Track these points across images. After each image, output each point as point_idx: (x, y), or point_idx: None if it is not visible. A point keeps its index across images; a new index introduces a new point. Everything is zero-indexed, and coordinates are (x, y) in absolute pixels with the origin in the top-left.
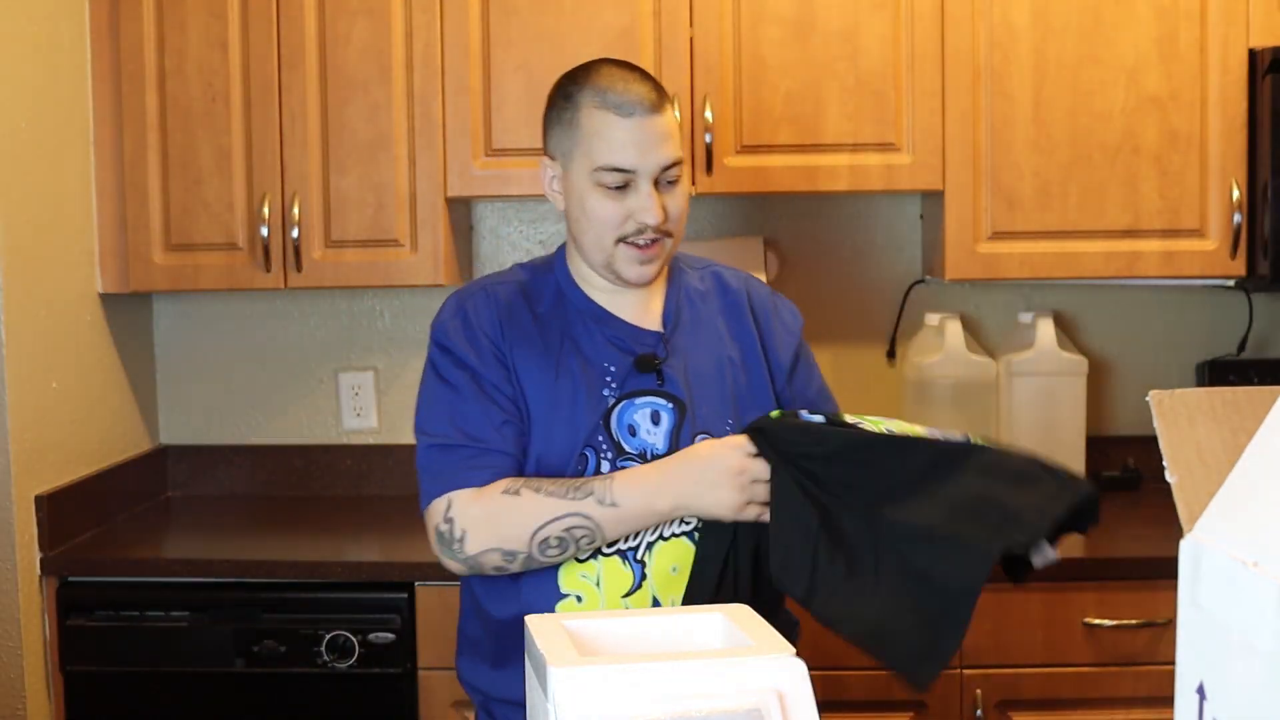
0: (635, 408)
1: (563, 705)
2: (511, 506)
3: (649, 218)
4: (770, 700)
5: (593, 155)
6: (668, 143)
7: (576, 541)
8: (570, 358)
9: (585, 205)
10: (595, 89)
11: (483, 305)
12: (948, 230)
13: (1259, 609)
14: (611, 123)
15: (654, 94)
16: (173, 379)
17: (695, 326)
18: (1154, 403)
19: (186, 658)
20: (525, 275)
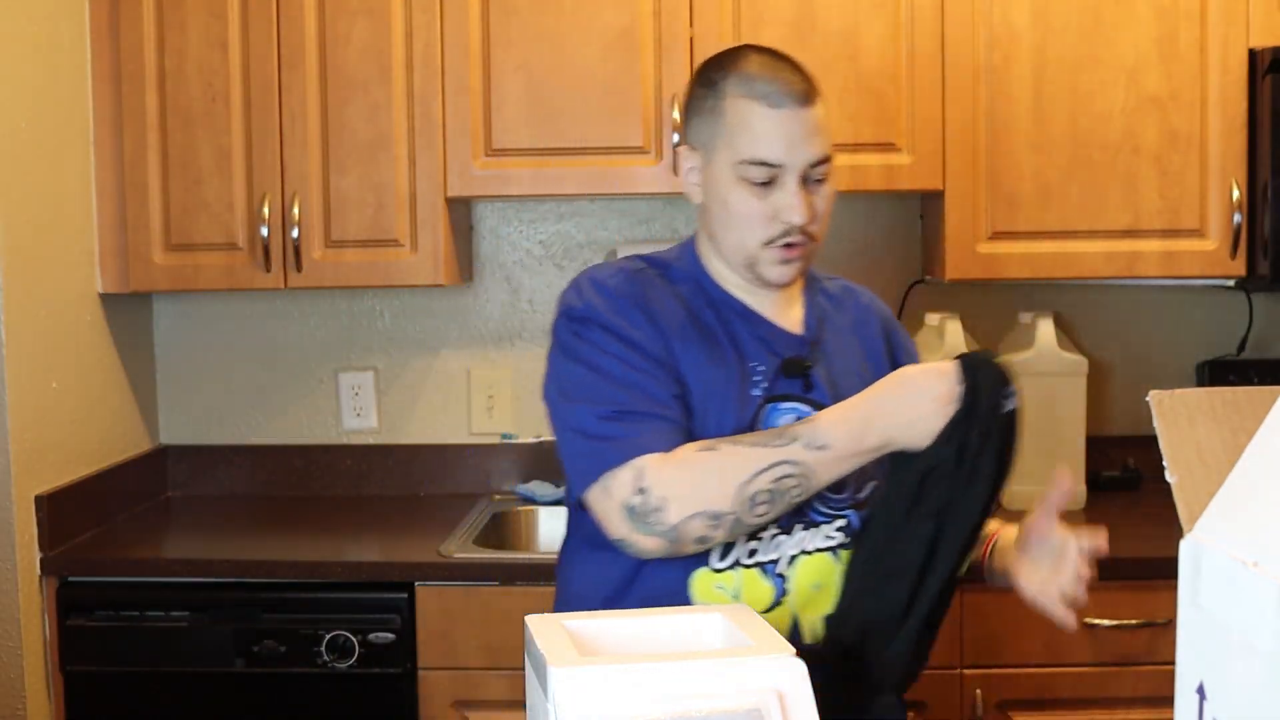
0: (780, 412)
1: (563, 705)
2: (711, 463)
3: (795, 216)
4: (770, 700)
5: (737, 148)
6: (818, 137)
7: (787, 493)
8: (727, 349)
9: (728, 201)
10: (742, 76)
11: (625, 281)
12: (948, 230)
13: (1259, 609)
14: (759, 114)
15: (805, 84)
16: (173, 379)
17: (836, 333)
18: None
19: (186, 658)
20: (652, 264)
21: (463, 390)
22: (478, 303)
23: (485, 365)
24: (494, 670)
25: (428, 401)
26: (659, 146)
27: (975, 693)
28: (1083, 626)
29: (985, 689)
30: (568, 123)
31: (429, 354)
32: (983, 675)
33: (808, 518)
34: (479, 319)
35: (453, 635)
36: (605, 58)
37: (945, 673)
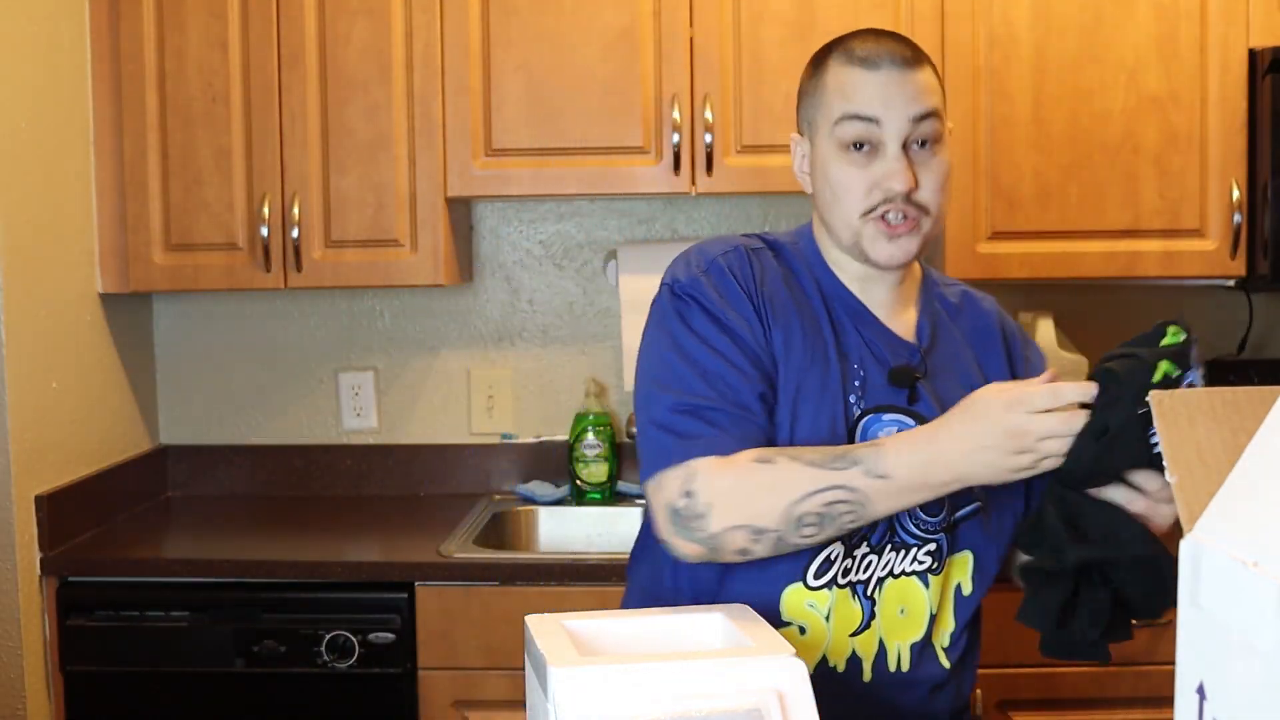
0: (882, 424)
1: (563, 705)
2: (766, 477)
3: (896, 183)
4: (770, 700)
5: (832, 109)
6: (918, 96)
7: (838, 519)
8: (829, 345)
9: (829, 175)
10: (844, 49)
11: (738, 261)
12: (948, 230)
13: (1259, 609)
14: (856, 75)
15: (908, 50)
16: (173, 379)
17: (950, 346)
18: (1154, 403)
19: (186, 658)
20: (769, 244)
21: (463, 390)
22: (478, 303)
23: (485, 365)
24: (494, 670)
25: (428, 401)
26: (659, 146)
27: (975, 693)
28: None
29: (985, 689)
30: (568, 123)
31: (429, 354)
32: (983, 675)
33: (898, 539)
34: (479, 319)
35: (453, 635)
36: (605, 58)
37: None
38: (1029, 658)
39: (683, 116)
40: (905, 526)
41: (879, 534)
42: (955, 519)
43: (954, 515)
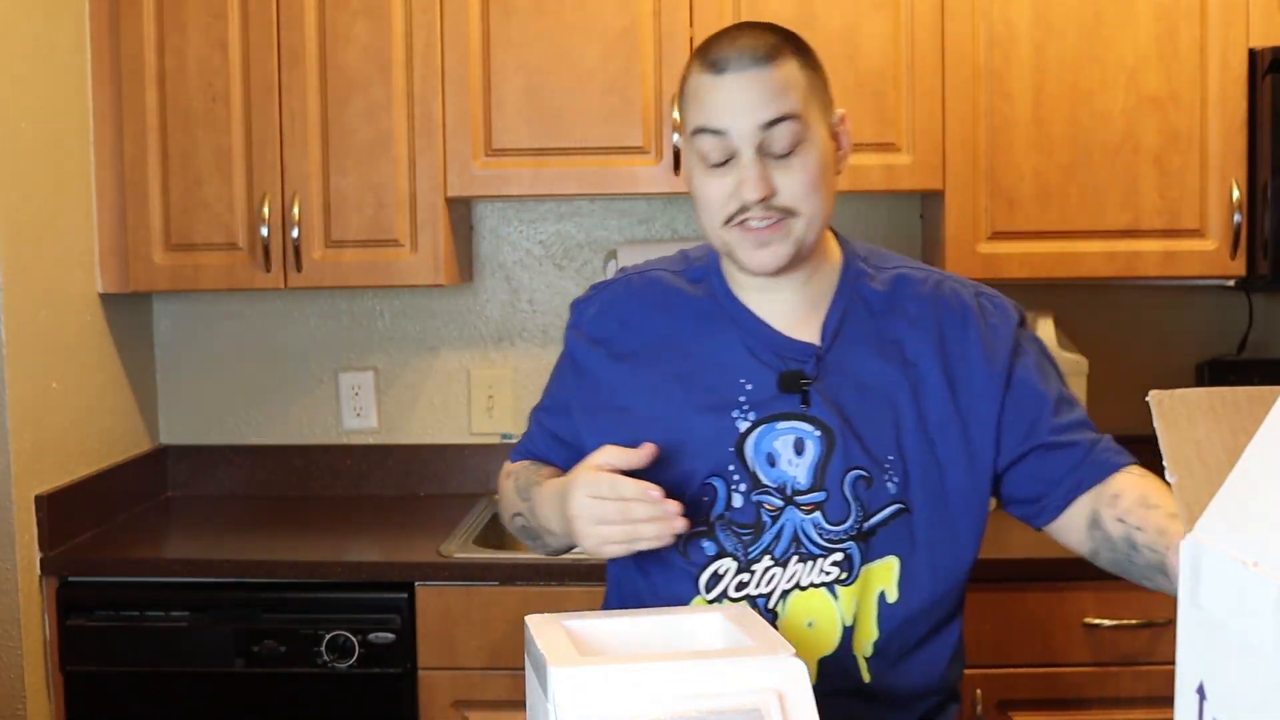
0: (777, 434)
1: (563, 705)
2: (504, 490)
3: (748, 191)
4: (770, 700)
5: (689, 120)
6: (774, 100)
7: (535, 537)
8: (699, 370)
9: (693, 186)
10: (703, 50)
11: (617, 296)
12: (948, 230)
13: (1259, 609)
14: (706, 82)
15: (764, 45)
16: (173, 379)
17: (862, 341)
18: (1154, 403)
19: (186, 658)
20: (680, 263)
21: (462, 390)
22: (478, 303)
23: (485, 365)
24: (494, 670)
25: (428, 401)
26: (659, 146)
27: (975, 693)
28: (1082, 626)
29: (985, 689)
30: (568, 123)
31: (429, 354)
32: (983, 675)
33: (804, 549)
34: (479, 319)
35: (453, 635)
36: (605, 58)
37: None
38: (1029, 658)
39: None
40: (809, 536)
41: (783, 546)
42: (867, 526)
43: (867, 521)
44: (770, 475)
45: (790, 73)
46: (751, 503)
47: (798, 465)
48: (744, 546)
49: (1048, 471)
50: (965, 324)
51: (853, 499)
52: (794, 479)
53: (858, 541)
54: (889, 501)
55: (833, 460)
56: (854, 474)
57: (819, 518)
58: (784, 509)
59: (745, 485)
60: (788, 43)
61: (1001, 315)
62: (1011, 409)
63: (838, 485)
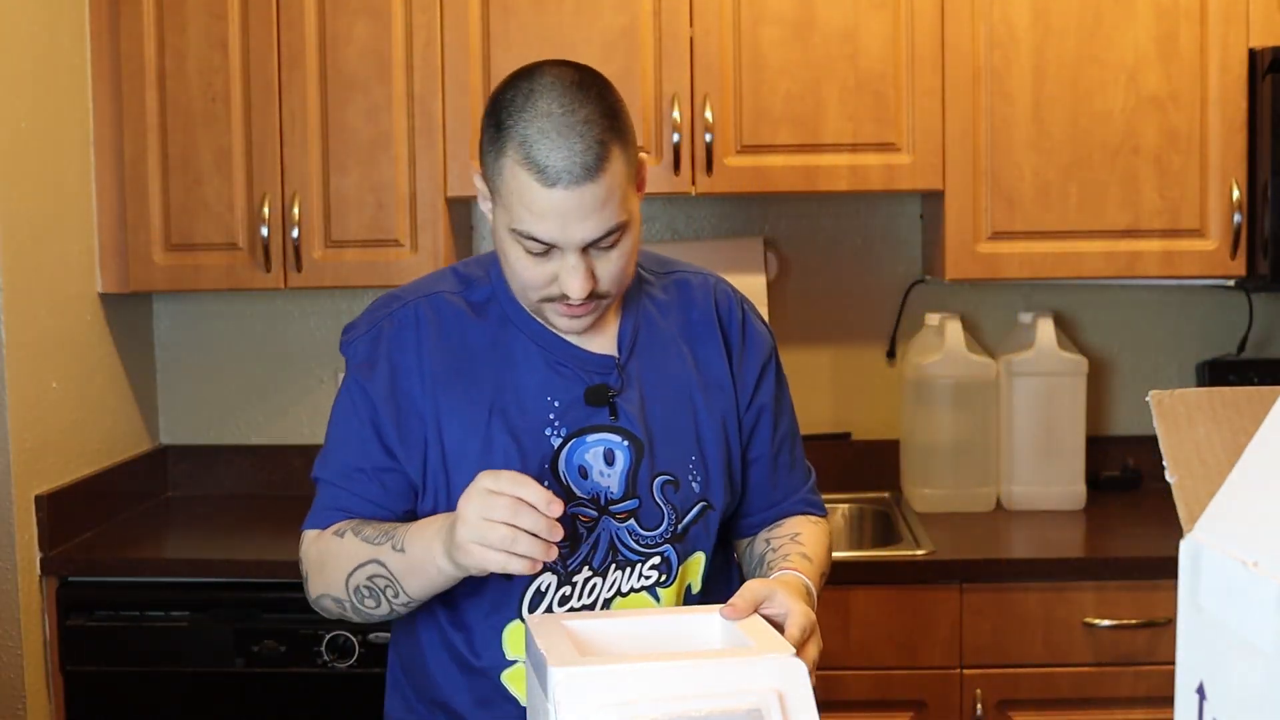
0: (586, 446)
1: (563, 705)
2: (334, 550)
3: (572, 290)
4: (770, 700)
5: (512, 215)
6: (599, 213)
7: (382, 592)
8: (506, 392)
9: (507, 255)
10: (523, 138)
11: (404, 326)
12: (948, 230)
13: (1259, 609)
14: (533, 189)
15: (588, 154)
16: (173, 379)
17: (655, 349)
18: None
19: (186, 658)
20: (458, 284)
21: None
22: None
23: None
24: None
25: None
26: (659, 146)
27: (975, 693)
28: (1082, 626)
29: (985, 689)
30: None
31: None
32: (983, 675)
33: (621, 557)
34: None
35: None
36: (605, 58)
37: (945, 673)
38: (1029, 658)
39: (683, 116)
40: (625, 543)
41: (600, 556)
42: (681, 528)
43: (677, 526)
44: (583, 487)
45: (614, 173)
46: (567, 515)
47: (609, 475)
48: (563, 558)
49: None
50: (732, 330)
51: (664, 503)
52: (606, 489)
53: (674, 544)
54: (695, 500)
55: (642, 468)
56: (661, 479)
57: (634, 524)
58: (599, 519)
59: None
60: (609, 125)
61: (758, 336)
62: (754, 429)
63: (648, 492)
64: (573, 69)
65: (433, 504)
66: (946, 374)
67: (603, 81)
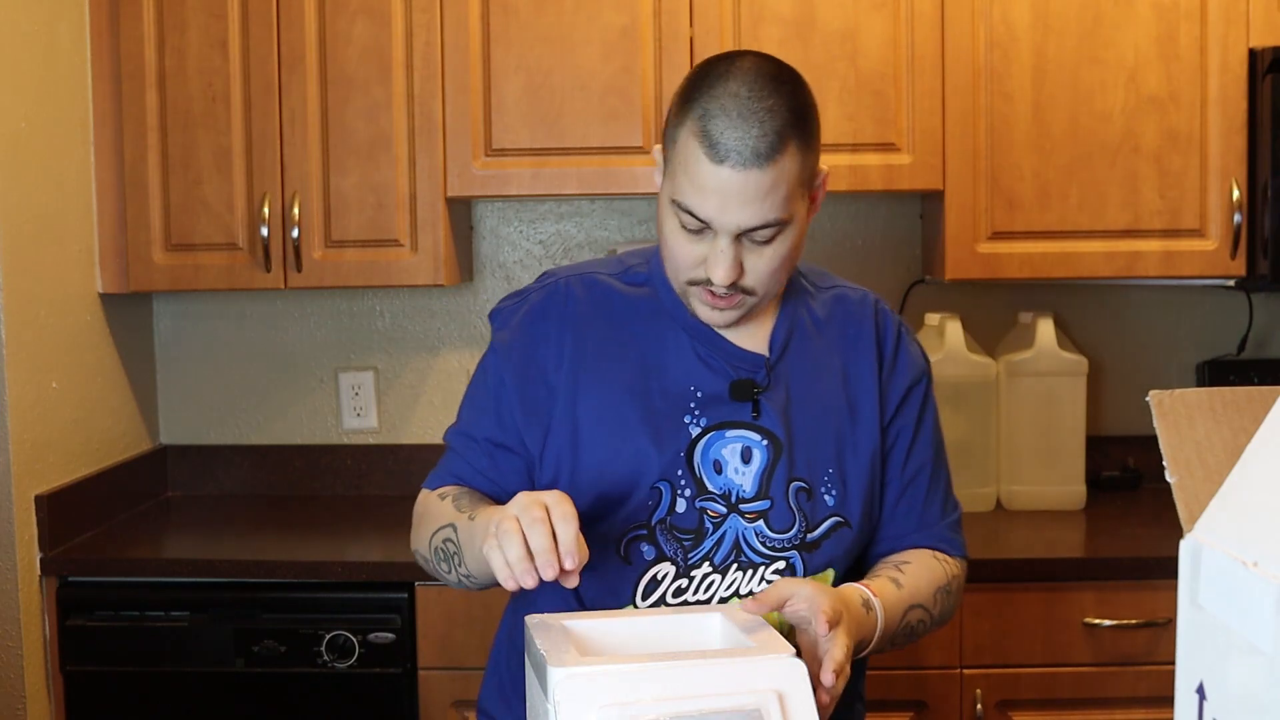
0: (725, 441)
1: (563, 705)
2: (433, 510)
3: (717, 274)
4: (770, 700)
5: (674, 184)
6: (760, 203)
7: (450, 558)
8: (651, 377)
9: (664, 229)
10: (706, 110)
11: (552, 299)
12: (948, 230)
13: (1259, 609)
14: (701, 163)
15: (762, 141)
16: (173, 379)
17: (807, 356)
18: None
19: (186, 658)
20: (616, 267)
21: (462, 390)
22: (478, 303)
23: None
24: None
25: (428, 401)
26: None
27: (975, 693)
28: (1082, 626)
29: (985, 689)
30: (568, 123)
31: (429, 354)
32: (983, 675)
33: (744, 558)
34: (479, 319)
35: (453, 635)
36: (605, 58)
37: (945, 673)
38: (1029, 658)
39: None
40: (751, 544)
41: (723, 553)
42: (812, 538)
43: (809, 534)
44: (716, 482)
45: (786, 167)
46: (695, 508)
47: (744, 473)
48: (684, 552)
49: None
50: (886, 347)
51: (796, 509)
52: (740, 486)
53: (801, 551)
54: (828, 514)
55: (778, 469)
56: (796, 484)
57: (762, 526)
58: (727, 516)
59: (690, 491)
60: (794, 120)
61: (906, 357)
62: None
63: (782, 494)
64: (774, 63)
65: (553, 477)
66: (946, 374)
67: (799, 81)
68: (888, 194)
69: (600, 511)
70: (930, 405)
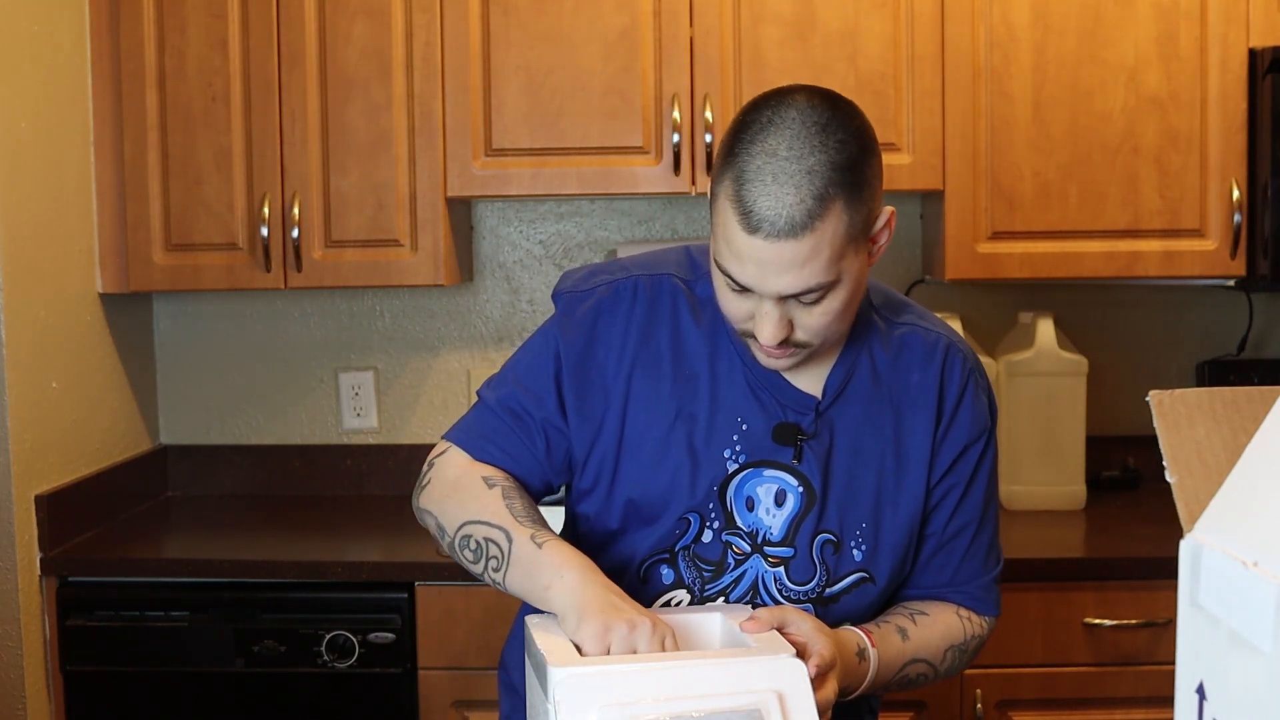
0: (762, 480)
1: (563, 705)
2: (476, 492)
3: (763, 336)
4: (770, 700)
5: (717, 247)
6: (799, 270)
7: (488, 560)
8: (700, 400)
9: (716, 276)
10: (740, 173)
11: (620, 298)
12: (948, 230)
13: (1259, 609)
14: (735, 229)
15: (798, 209)
16: (173, 379)
17: (861, 403)
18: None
19: (186, 658)
20: (690, 271)
21: (463, 390)
22: (478, 303)
23: (485, 365)
24: (494, 670)
25: (428, 401)
26: (659, 146)
27: (975, 693)
28: (1082, 626)
29: (985, 689)
30: (568, 123)
31: (429, 354)
32: (983, 675)
33: (760, 600)
34: (479, 319)
35: (453, 635)
36: (605, 58)
37: None
38: (1029, 658)
39: (683, 116)
40: (769, 588)
41: (741, 590)
42: (831, 592)
43: (829, 588)
44: (746, 519)
45: (825, 234)
46: (721, 541)
47: (775, 515)
48: (703, 582)
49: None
50: (948, 405)
51: (819, 562)
52: (769, 529)
53: (818, 605)
54: (854, 569)
55: (808, 519)
56: (822, 537)
57: (782, 573)
58: (750, 555)
59: (719, 524)
60: (837, 186)
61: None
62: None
63: (807, 545)
64: (824, 106)
65: (593, 482)
66: None
67: (851, 126)
68: (888, 194)
69: (629, 527)
70: (987, 461)
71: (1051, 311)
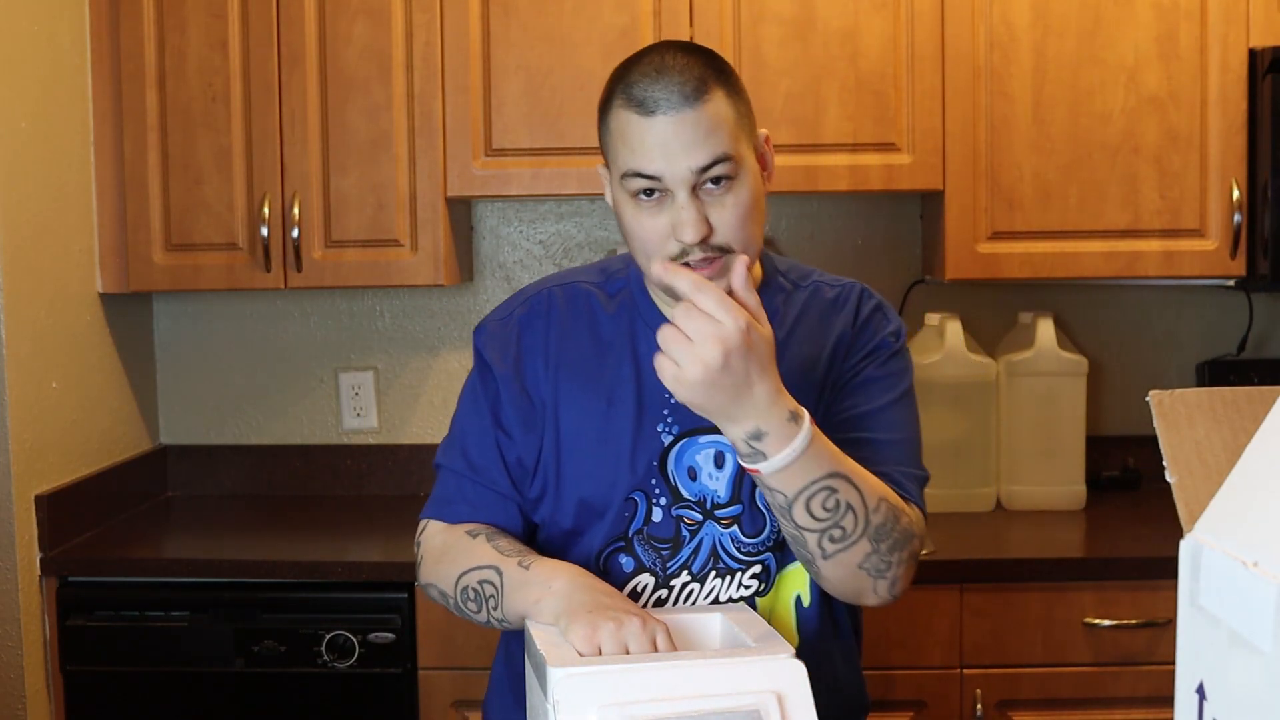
0: (698, 447)
1: (563, 705)
2: (462, 547)
3: (686, 233)
4: (769, 700)
5: (618, 159)
6: (706, 141)
7: (486, 600)
8: (626, 384)
9: (625, 221)
10: (625, 85)
11: (536, 312)
12: (948, 230)
13: (1259, 609)
14: (634, 123)
15: (690, 82)
16: (173, 379)
17: (780, 356)
18: (1154, 403)
19: (186, 658)
20: (598, 275)
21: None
22: (478, 303)
23: None
24: None
25: (428, 401)
26: None
27: (975, 693)
28: (1083, 626)
29: (985, 689)
30: (568, 123)
31: (429, 354)
32: (983, 675)
33: (722, 564)
34: (479, 319)
35: (453, 635)
36: (606, 58)
37: (945, 673)
38: (1029, 658)
39: None
40: (727, 550)
41: (701, 561)
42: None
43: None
44: (691, 489)
45: (719, 108)
46: (671, 517)
47: (718, 479)
48: (662, 562)
49: None
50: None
51: (765, 509)
52: (714, 492)
53: (775, 552)
54: None
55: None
56: None
57: (736, 531)
58: (703, 523)
59: (666, 499)
60: (713, 71)
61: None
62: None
63: (749, 498)
64: (690, 44)
65: (541, 488)
66: (946, 374)
67: (717, 57)
68: (888, 194)
69: (582, 524)
70: (894, 369)
71: (1051, 311)
